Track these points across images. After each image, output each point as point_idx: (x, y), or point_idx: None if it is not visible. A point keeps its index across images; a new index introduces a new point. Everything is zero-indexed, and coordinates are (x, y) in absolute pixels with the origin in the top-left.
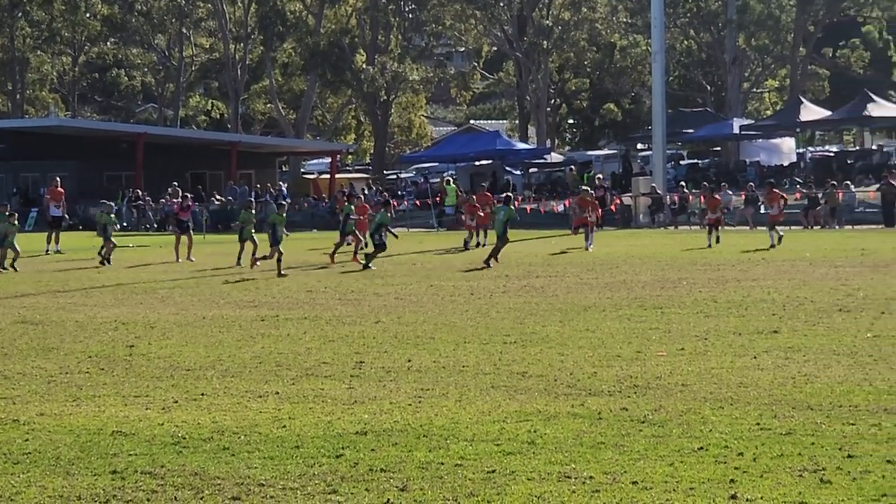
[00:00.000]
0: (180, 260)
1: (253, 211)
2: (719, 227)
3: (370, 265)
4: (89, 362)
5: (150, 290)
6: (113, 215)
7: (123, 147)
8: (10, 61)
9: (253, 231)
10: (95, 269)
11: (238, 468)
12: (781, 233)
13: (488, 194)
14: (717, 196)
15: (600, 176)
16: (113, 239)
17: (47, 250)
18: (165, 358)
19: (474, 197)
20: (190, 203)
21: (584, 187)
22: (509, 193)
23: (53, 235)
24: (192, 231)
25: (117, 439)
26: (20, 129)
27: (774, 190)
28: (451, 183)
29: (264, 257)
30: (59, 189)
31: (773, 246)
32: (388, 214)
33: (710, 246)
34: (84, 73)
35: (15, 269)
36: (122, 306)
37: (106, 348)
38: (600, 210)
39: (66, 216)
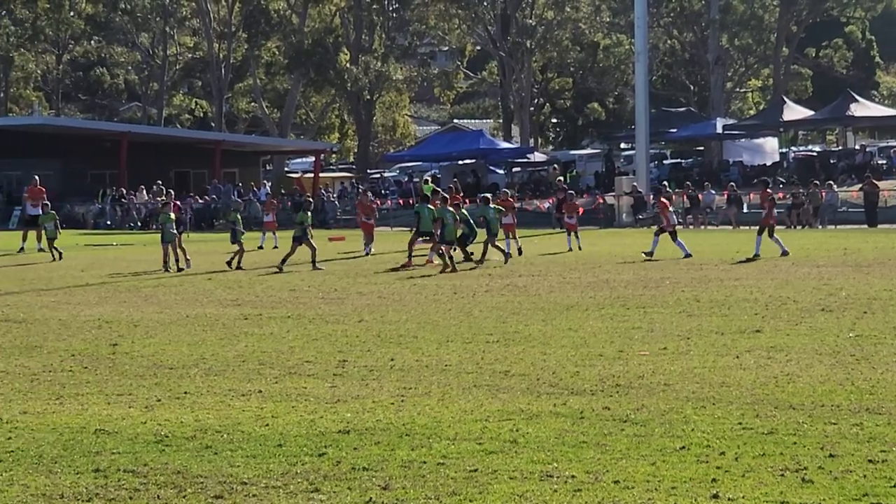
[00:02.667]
0: (189, 265)
1: (310, 213)
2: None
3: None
4: (73, 360)
5: (133, 289)
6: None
7: (107, 146)
8: None
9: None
10: (80, 269)
11: (221, 467)
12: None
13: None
14: (769, 190)
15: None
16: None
17: (22, 248)
18: (149, 356)
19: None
20: (175, 202)
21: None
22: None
23: (35, 234)
24: (180, 233)
25: (100, 437)
26: (4, 128)
27: (768, 190)
28: (429, 182)
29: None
30: (39, 188)
31: (785, 253)
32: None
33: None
34: (68, 71)
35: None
36: (106, 304)
37: (89, 346)
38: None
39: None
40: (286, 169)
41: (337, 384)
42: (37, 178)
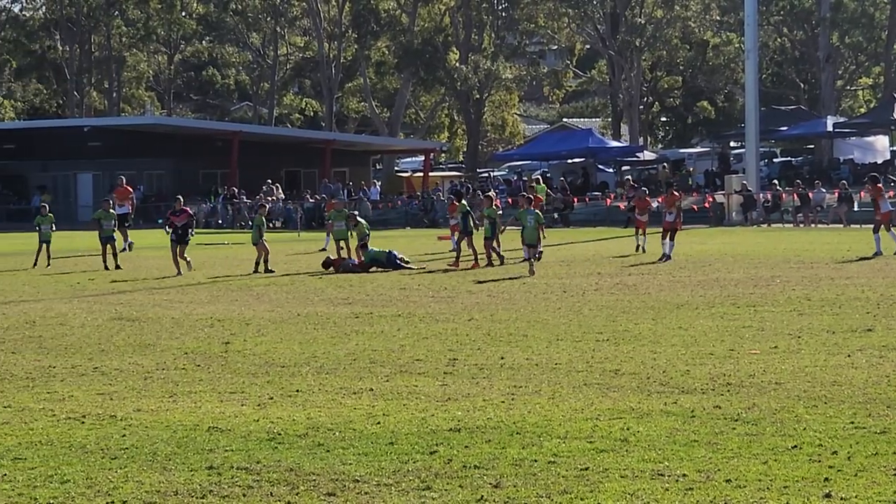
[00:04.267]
0: (181, 272)
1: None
2: None
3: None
4: (185, 359)
5: (245, 287)
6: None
7: (219, 145)
8: (106, 60)
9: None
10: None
11: (333, 464)
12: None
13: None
14: (881, 185)
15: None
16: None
17: (126, 247)
18: (261, 354)
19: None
20: (185, 207)
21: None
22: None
23: (121, 233)
24: (188, 241)
25: (213, 435)
26: (117, 128)
27: (878, 185)
28: (541, 182)
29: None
30: (125, 188)
31: (878, 254)
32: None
33: None
34: (179, 71)
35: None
36: (218, 303)
37: (202, 345)
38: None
39: (132, 213)
40: (396, 168)
41: (447, 382)
42: (123, 178)
